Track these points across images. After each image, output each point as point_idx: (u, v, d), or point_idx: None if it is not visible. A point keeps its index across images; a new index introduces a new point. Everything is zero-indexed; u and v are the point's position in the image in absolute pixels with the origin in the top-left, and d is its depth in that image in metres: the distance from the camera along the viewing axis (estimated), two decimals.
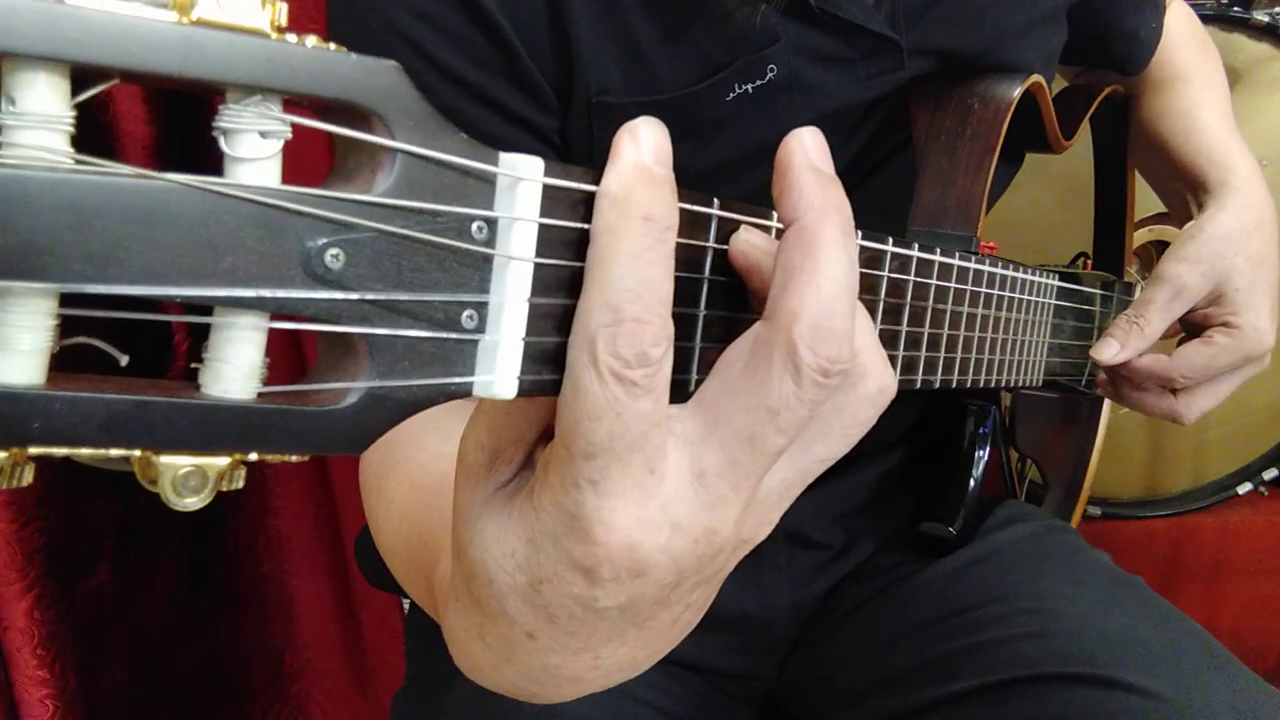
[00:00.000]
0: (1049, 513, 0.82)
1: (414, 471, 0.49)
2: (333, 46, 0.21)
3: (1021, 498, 0.84)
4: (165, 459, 0.20)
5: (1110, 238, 1.01)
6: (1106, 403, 1.00)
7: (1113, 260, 1.01)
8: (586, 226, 0.26)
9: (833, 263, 0.27)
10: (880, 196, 0.67)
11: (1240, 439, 1.31)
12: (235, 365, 0.21)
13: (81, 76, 0.19)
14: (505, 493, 0.30)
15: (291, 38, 0.21)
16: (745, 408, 0.27)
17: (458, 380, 0.24)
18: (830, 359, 0.26)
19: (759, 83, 0.59)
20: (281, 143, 0.21)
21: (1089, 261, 1.00)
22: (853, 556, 0.77)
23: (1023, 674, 0.61)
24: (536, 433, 0.30)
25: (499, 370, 0.25)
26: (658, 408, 0.26)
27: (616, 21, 0.55)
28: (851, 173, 0.67)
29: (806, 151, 0.28)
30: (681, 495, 0.27)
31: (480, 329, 0.24)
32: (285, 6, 0.21)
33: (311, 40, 0.21)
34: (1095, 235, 1.03)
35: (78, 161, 0.19)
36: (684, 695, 0.72)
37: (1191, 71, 0.82)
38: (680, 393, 0.29)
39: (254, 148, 0.21)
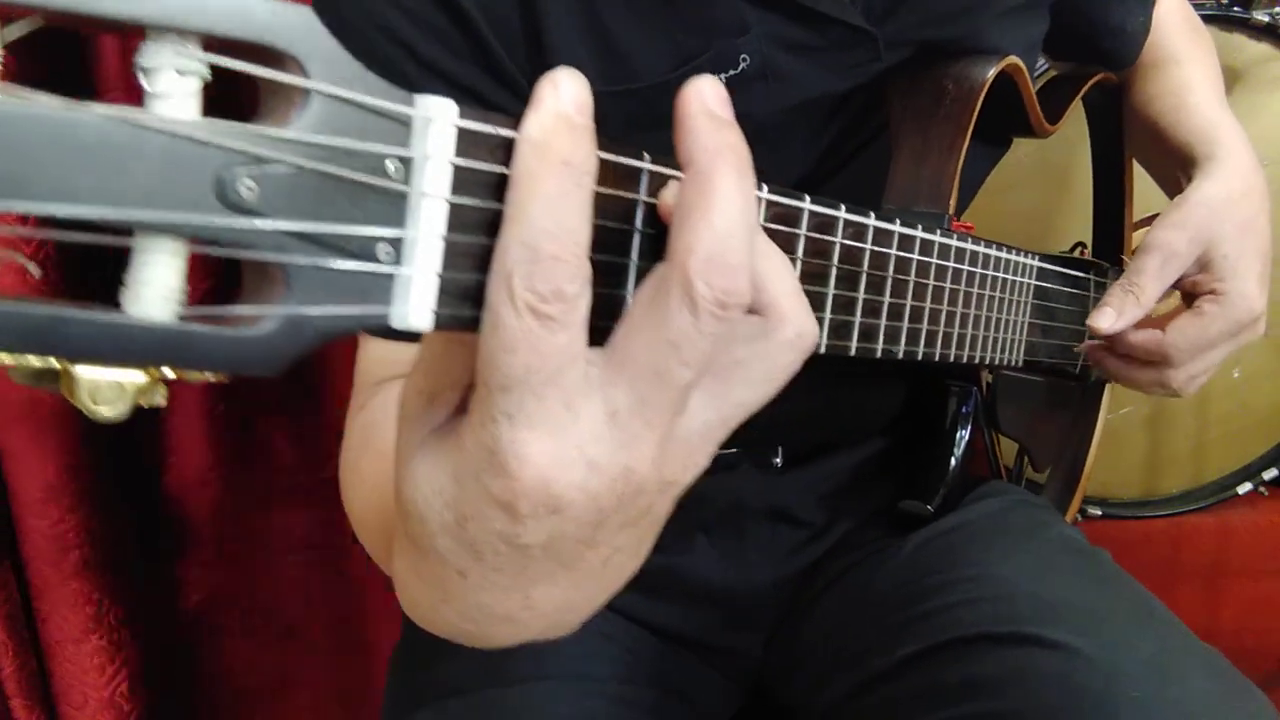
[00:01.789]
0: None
1: (384, 447, 0.50)
2: None
3: None
4: (83, 370, 0.22)
5: (1109, 228, 1.01)
6: (1105, 391, 1.00)
7: (1111, 250, 1.01)
8: (506, 170, 0.27)
9: (726, 200, 0.28)
10: (858, 181, 0.68)
11: (1240, 439, 1.30)
12: (154, 288, 0.22)
13: (7, 15, 0.21)
14: (439, 434, 0.31)
15: None
16: (648, 343, 0.28)
17: (374, 310, 0.25)
18: (726, 291, 0.27)
19: (732, 72, 0.59)
20: (199, 80, 0.23)
21: (1085, 250, 1.00)
22: (834, 534, 0.78)
23: (954, 636, 0.62)
24: (471, 378, 0.31)
25: (413, 302, 0.26)
26: (573, 344, 0.27)
27: (588, 12, 0.56)
28: (830, 158, 0.67)
29: (704, 99, 0.29)
30: (597, 435, 0.28)
31: (396, 262, 0.25)
32: None
33: None
34: (1094, 226, 1.03)
35: (1, 91, 0.20)
36: (680, 665, 0.74)
37: (1181, 55, 0.82)
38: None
39: (171, 84, 0.22)
